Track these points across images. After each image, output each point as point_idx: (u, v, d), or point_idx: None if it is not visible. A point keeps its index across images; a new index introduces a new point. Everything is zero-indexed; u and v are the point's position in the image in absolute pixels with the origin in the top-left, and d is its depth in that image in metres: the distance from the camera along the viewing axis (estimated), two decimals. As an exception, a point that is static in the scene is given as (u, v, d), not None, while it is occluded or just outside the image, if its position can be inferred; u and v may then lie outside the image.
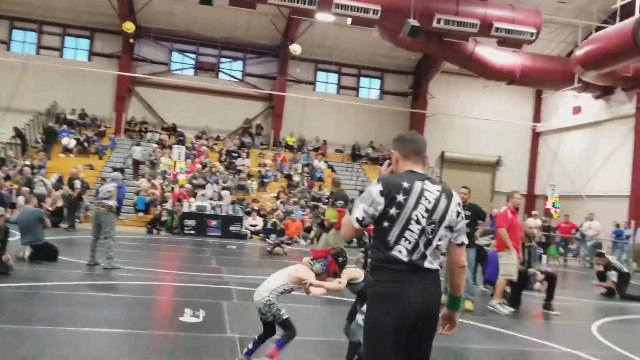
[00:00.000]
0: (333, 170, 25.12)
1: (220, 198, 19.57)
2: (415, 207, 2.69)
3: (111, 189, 9.60)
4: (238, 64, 27.21)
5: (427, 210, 2.70)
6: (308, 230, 19.00)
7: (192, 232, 17.71)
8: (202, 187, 20.30)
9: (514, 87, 24.10)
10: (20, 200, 15.02)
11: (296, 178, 23.51)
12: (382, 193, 2.72)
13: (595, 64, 19.06)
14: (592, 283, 12.22)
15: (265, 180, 22.80)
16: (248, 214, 19.19)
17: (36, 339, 4.98)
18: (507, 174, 27.73)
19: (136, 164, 21.55)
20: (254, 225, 18.72)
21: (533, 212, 21.70)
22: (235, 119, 26.42)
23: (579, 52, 19.72)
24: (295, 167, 24.35)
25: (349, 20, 20.61)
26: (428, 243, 2.70)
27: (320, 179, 23.71)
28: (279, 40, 25.78)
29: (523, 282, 9.11)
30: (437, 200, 2.73)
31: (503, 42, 19.92)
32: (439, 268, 2.77)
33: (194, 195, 19.36)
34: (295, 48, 24.01)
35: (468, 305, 8.32)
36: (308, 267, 4.45)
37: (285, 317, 4.40)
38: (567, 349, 6.23)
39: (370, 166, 26.26)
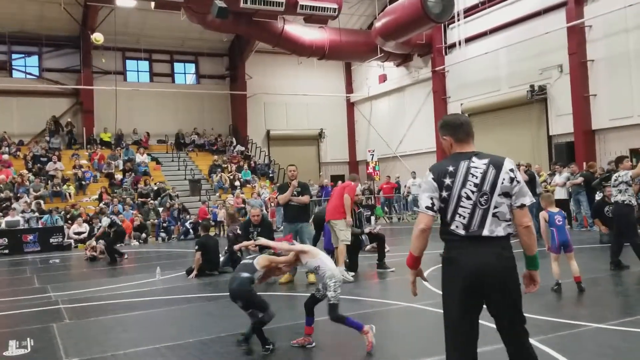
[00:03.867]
0: (158, 163, 24.07)
1: (33, 210, 17.65)
2: (463, 186, 2.97)
3: None
4: (33, 59, 24.49)
5: (475, 185, 2.96)
6: (139, 229, 18.02)
7: (6, 251, 15.93)
8: (8, 200, 18.11)
9: (326, 62, 25.21)
10: None
11: (118, 176, 22.04)
12: (434, 180, 3.02)
13: (392, 34, 20.73)
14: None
15: (83, 182, 21.02)
16: (69, 221, 17.60)
17: None
18: (330, 144, 29.15)
19: None
20: (80, 233, 17.24)
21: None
22: (38, 120, 23.75)
23: (378, 24, 21.26)
24: (116, 164, 22.82)
25: (153, 4, 19.67)
26: (485, 213, 2.95)
27: (146, 173, 22.54)
28: (78, 30, 23.71)
29: (357, 246, 9.64)
30: (485, 173, 2.98)
31: (309, 19, 20.63)
32: (504, 234, 2.98)
33: (1, 210, 17.20)
34: (98, 37, 22.10)
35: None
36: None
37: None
38: (405, 304, 6.72)
39: (198, 153, 25.63)
